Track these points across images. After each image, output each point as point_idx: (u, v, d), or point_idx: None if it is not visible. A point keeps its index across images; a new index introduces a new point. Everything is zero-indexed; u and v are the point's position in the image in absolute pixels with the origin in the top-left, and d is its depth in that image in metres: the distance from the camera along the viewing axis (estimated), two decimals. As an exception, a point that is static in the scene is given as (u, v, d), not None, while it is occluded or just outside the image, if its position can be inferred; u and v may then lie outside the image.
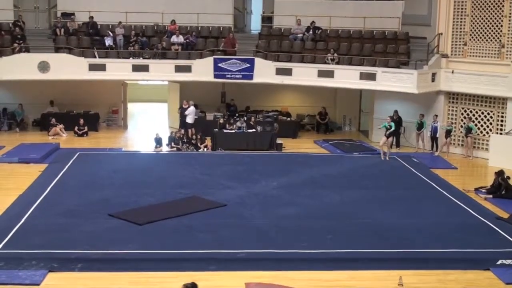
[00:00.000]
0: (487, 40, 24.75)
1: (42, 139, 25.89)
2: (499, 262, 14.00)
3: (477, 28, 24.89)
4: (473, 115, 24.89)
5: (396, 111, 25.66)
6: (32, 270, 12.92)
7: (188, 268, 13.36)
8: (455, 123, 25.23)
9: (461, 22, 25.22)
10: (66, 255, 13.71)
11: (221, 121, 25.99)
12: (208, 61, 26.67)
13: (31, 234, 14.94)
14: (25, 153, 22.64)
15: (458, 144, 25.33)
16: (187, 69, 26.74)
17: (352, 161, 23.36)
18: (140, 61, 26.70)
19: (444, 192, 19.45)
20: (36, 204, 17.10)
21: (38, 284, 12.43)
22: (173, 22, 27.81)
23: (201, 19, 28.35)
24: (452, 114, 25.45)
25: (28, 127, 28.04)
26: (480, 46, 24.90)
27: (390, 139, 23.48)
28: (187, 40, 27.35)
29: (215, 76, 26.75)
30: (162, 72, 27.00)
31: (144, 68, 26.71)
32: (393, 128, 23.17)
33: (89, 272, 13.10)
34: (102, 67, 26.36)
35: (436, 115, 25.03)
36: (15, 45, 26.18)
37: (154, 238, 14.94)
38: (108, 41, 26.98)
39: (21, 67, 25.57)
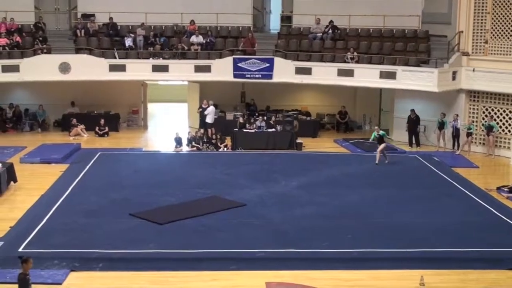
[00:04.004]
0: (508, 38, 24.53)
1: (63, 139, 26.08)
2: (522, 261, 13.90)
3: (498, 25, 24.69)
4: (495, 113, 24.69)
5: (412, 110, 25.54)
6: (54, 269, 13.04)
7: (208, 267, 13.40)
8: (476, 121, 25.04)
9: (481, 20, 25.02)
10: (88, 254, 13.82)
11: (241, 120, 26.00)
12: (228, 61, 26.71)
13: (53, 234, 15.07)
14: (47, 154, 22.81)
15: (480, 143, 25.15)
16: (207, 69, 26.80)
17: (373, 160, 23.21)
18: (160, 62, 26.80)
19: (466, 191, 19.32)
20: (57, 204, 17.25)
21: (60, 283, 12.57)
22: (192, 22, 27.87)
23: (220, 19, 28.39)
24: (473, 113, 25.27)
25: (49, 128, 28.24)
26: (501, 44, 24.70)
27: (383, 145, 22.62)
28: (206, 40, 27.39)
29: (235, 76, 26.78)
30: (181, 72, 27.07)
31: (164, 69, 26.80)
32: (383, 136, 22.82)
33: (110, 272, 13.19)
34: (122, 68, 26.50)
35: (457, 114, 24.87)
36: (37, 46, 26.39)
37: (174, 237, 15.00)
38: (128, 42, 27.11)
39: (42, 68, 25.76)
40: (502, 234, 15.72)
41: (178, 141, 24.64)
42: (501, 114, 24.61)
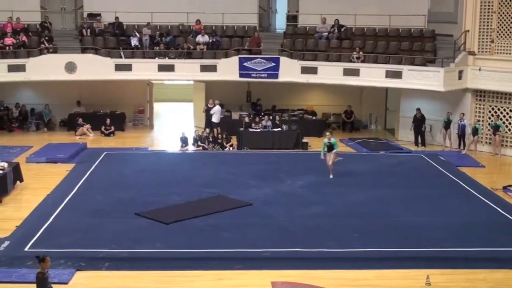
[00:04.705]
0: (514, 37, 24.53)
1: (69, 139, 26.12)
2: (528, 261, 13.86)
3: (505, 25, 24.62)
4: (501, 112, 24.64)
5: (418, 109, 25.52)
6: (60, 269, 13.04)
7: (214, 267, 13.41)
8: (483, 120, 24.99)
9: (488, 19, 24.96)
10: (94, 254, 13.83)
11: (247, 120, 26.00)
12: (234, 61, 26.71)
13: (59, 233, 15.10)
14: (53, 153, 22.85)
15: (486, 142, 25.09)
16: (213, 68, 26.80)
17: (378, 160, 23.25)
18: (165, 61, 26.80)
19: (472, 191, 19.29)
20: (63, 204, 17.28)
21: (66, 283, 12.57)
22: (198, 21, 27.88)
23: (226, 18, 28.40)
24: (479, 112, 25.21)
25: (55, 127, 28.29)
26: (507, 43, 24.63)
27: (333, 155, 20.50)
28: (212, 40, 27.40)
29: (241, 76, 26.77)
30: (187, 71, 27.08)
31: (170, 68, 26.81)
32: (336, 147, 20.39)
33: (116, 271, 13.21)
34: (128, 67, 26.52)
35: (463, 113, 24.83)
36: (43, 46, 26.43)
37: (180, 237, 15.01)
38: (134, 41, 27.14)
39: (48, 67, 25.81)
40: (508, 233, 15.67)
41: (184, 141, 24.65)
42: (507, 113, 24.54)
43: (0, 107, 27.95)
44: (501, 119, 24.40)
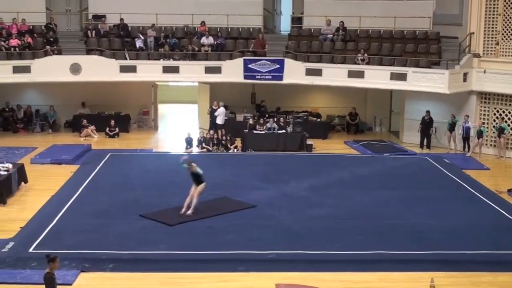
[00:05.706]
0: (520, 39, 24.49)
1: (74, 140, 26.14)
2: (533, 264, 13.82)
3: (510, 27, 24.57)
4: (506, 115, 24.58)
5: (428, 112, 25.48)
6: (64, 270, 13.02)
7: (218, 269, 13.42)
8: (487, 123, 24.93)
9: (493, 21, 24.91)
10: (98, 255, 13.84)
11: (251, 121, 26.00)
12: (238, 62, 26.71)
13: (63, 234, 15.12)
14: (57, 154, 22.87)
15: (491, 145, 25.04)
16: (217, 70, 26.82)
17: (383, 162, 23.20)
18: (170, 63, 26.83)
19: (476, 193, 19.26)
20: (68, 205, 17.29)
21: (70, 284, 12.59)
22: (202, 23, 27.89)
23: (230, 20, 28.38)
24: (484, 114, 25.16)
25: (60, 129, 28.31)
26: (512, 46, 24.65)
27: (201, 186, 16.54)
28: (217, 41, 27.41)
29: (245, 77, 26.77)
30: (192, 73, 27.09)
31: (175, 70, 26.83)
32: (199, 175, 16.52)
33: (120, 273, 13.23)
34: (133, 69, 26.56)
35: (467, 115, 24.78)
36: (48, 47, 26.47)
37: (184, 238, 15.02)
38: (139, 43, 27.17)
39: (53, 69, 25.84)
40: (513, 236, 15.68)
41: (189, 142, 24.66)
42: (512, 116, 24.55)
43: (6, 108, 28.02)
44: (506, 122, 24.35)
